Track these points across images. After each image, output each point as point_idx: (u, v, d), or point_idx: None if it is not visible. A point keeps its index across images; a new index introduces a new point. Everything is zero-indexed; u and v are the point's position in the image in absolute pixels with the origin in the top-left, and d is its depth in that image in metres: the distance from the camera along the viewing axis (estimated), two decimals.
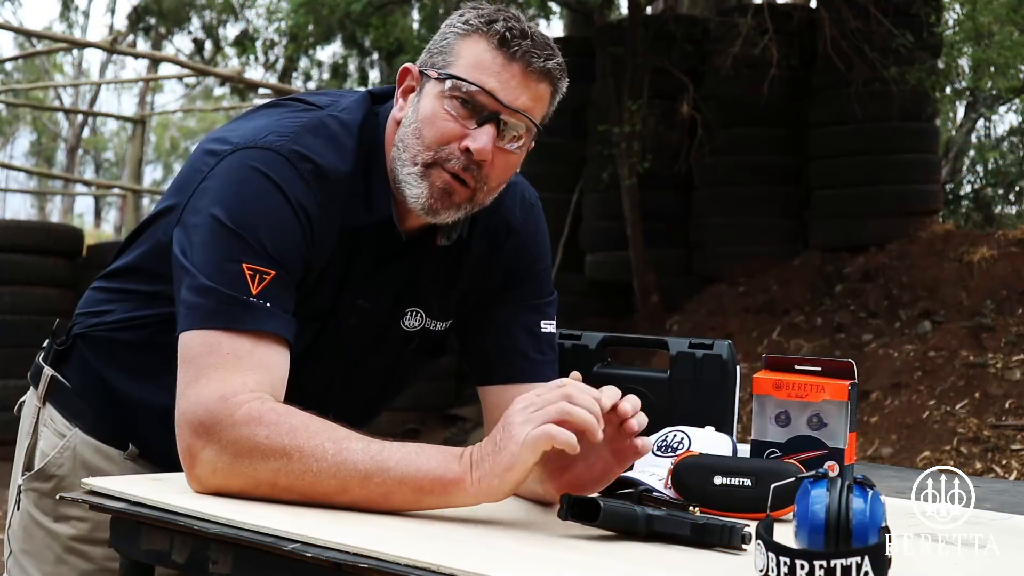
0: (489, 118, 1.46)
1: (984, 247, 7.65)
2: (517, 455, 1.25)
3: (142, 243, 1.65)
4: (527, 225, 1.69)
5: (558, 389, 1.29)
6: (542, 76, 1.48)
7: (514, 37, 1.46)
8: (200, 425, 1.33)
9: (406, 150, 1.50)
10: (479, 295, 1.69)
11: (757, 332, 7.98)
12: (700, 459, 1.46)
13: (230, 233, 1.41)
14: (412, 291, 1.63)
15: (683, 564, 1.17)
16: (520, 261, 1.69)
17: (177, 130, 29.53)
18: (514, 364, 1.67)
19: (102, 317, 1.67)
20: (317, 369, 1.60)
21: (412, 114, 1.51)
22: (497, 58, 1.46)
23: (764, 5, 7.90)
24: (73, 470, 1.66)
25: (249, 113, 1.63)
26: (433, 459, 1.29)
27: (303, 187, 1.46)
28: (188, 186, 1.51)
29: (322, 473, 1.28)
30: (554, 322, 1.74)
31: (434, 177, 1.48)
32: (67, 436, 1.67)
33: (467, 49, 1.48)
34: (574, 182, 9.42)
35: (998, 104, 13.65)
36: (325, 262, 1.52)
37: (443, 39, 1.51)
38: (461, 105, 1.47)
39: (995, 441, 6.15)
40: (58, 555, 1.66)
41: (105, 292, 1.69)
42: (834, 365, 1.56)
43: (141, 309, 1.62)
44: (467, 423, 8.20)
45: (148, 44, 16.07)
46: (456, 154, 1.47)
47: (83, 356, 1.68)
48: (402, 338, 1.67)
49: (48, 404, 1.70)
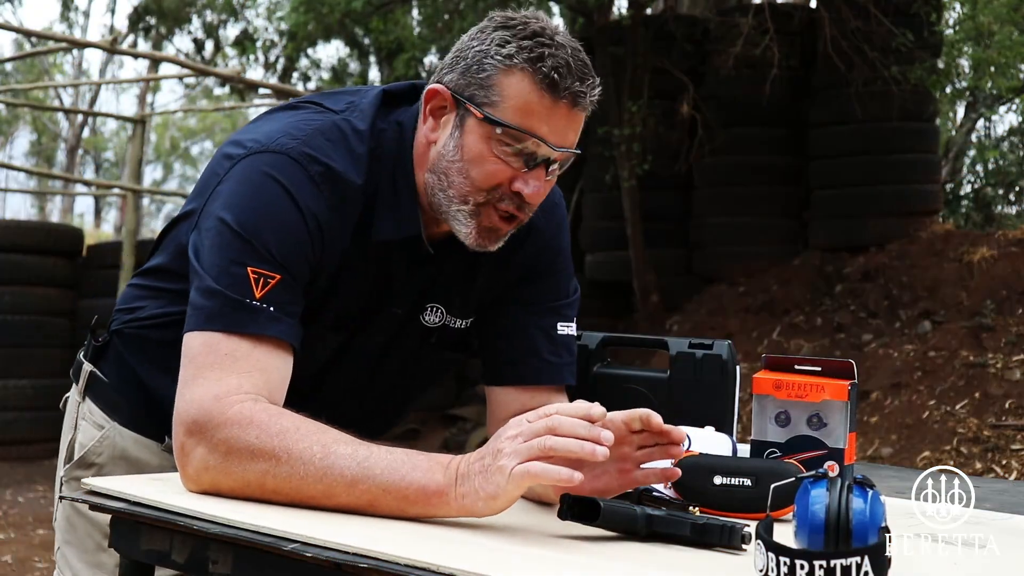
0: (541, 163, 1.47)
1: (984, 247, 7.65)
2: (502, 487, 1.23)
3: (168, 244, 1.68)
4: (549, 224, 1.68)
5: (543, 420, 1.26)
6: (585, 108, 1.48)
7: (562, 77, 1.42)
8: (193, 423, 1.34)
9: (452, 187, 1.49)
10: (497, 292, 1.68)
11: (757, 332, 7.98)
12: (700, 459, 1.45)
13: (236, 237, 1.42)
14: (432, 287, 1.63)
15: (683, 564, 1.17)
16: (540, 259, 1.68)
17: (177, 130, 29.53)
18: (526, 364, 1.66)
19: (135, 313, 1.70)
20: (343, 378, 1.62)
21: (454, 150, 1.48)
22: (545, 99, 1.43)
23: (764, 5, 7.90)
24: (112, 459, 1.70)
25: (267, 114, 1.63)
26: (418, 468, 1.27)
27: (313, 190, 1.46)
28: (206, 190, 1.53)
29: (308, 477, 1.28)
30: (574, 324, 1.71)
31: (483, 217, 1.49)
32: (105, 428, 1.71)
33: (513, 88, 1.44)
34: (574, 182, 9.42)
35: (998, 104, 13.66)
36: (343, 270, 1.52)
37: (481, 69, 1.46)
38: (510, 149, 1.45)
39: (995, 441, 6.15)
40: (98, 543, 1.68)
41: (140, 289, 1.72)
42: (834, 365, 1.56)
43: (170, 306, 1.64)
44: (467, 423, 8.20)
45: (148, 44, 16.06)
46: (507, 194, 1.47)
47: (119, 352, 1.71)
48: (421, 334, 1.66)
49: (87, 399, 1.74)
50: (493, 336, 1.69)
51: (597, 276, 9.21)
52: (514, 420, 1.29)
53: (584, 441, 1.23)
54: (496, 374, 1.69)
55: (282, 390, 1.41)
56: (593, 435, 1.24)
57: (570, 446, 1.22)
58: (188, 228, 1.55)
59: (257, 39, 13.41)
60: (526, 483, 1.23)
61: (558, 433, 1.23)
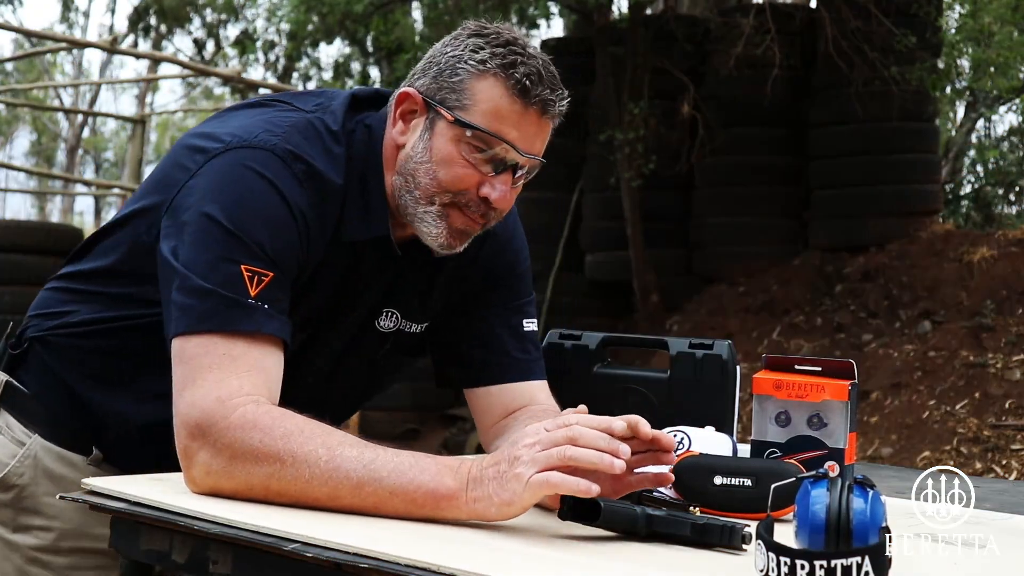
0: (508, 168, 1.48)
1: (984, 247, 7.65)
2: (518, 494, 1.23)
3: (116, 245, 1.60)
4: (505, 228, 1.68)
5: (564, 430, 1.26)
6: (554, 117, 1.50)
7: (533, 84, 1.44)
8: (196, 427, 1.32)
9: (419, 187, 1.49)
10: (459, 298, 1.69)
11: (757, 332, 7.98)
12: (700, 459, 1.45)
13: (227, 233, 1.39)
14: (389, 292, 1.62)
15: (683, 564, 1.17)
16: (499, 263, 1.69)
17: (177, 130, 29.49)
18: (500, 364, 1.68)
19: (63, 319, 1.62)
20: (308, 376, 1.61)
21: (424, 152, 1.49)
22: (515, 105, 1.45)
23: (765, 5, 7.90)
24: (35, 479, 1.61)
25: (231, 110, 1.60)
26: (427, 472, 1.27)
27: (297, 187, 1.45)
28: (170, 184, 1.48)
29: (314, 479, 1.27)
30: (535, 321, 1.74)
31: (453, 219, 1.49)
32: (26, 444, 1.62)
33: (484, 93, 1.45)
34: (574, 182, 9.42)
35: (998, 104, 13.65)
36: (319, 269, 1.51)
37: (454, 73, 1.47)
38: (479, 153, 1.46)
39: (995, 441, 6.15)
40: (18, 567, 1.61)
41: (65, 293, 1.64)
42: (834, 365, 1.56)
43: (106, 311, 1.58)
44: (467, 423, 8.20)
45: (148, 44, 16.06)
46: (474, 199, 1.48)
47: (42, 360, 1.63)
48: (377, 339, 1.66)
49: (3, 410, 1.64)
50: (463, 341, 1.70)
51: (597, 276, 9.21)
52: (531, 428, 1.29)
53: (604, 453, 1.23)
54: (471, 377, 1.70)
55: (279, 388, 1.40)
56: (612, 447, 1.24)
57: (590, 457, 1.23)
58: (148, 225, 1.51)
59: (258, 39, 13.41)
60: (543, 492, 1.23)
61: (579, 444, 1.24)
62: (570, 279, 9.15)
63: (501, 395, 1.68)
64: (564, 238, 9.26)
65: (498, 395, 1.68)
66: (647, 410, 1.76)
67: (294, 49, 12.27)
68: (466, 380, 1.72)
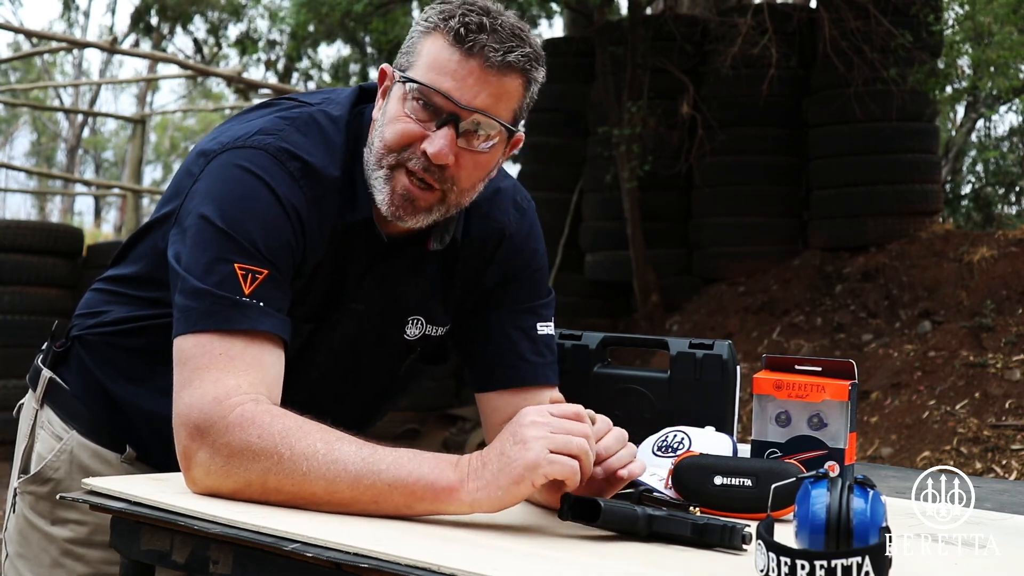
0: (447, 120, 1.43)
1: (984, 247, 7.65)
2: (531, 470, 1.23)
3: (142, 252, 1.64)
4: (521, 229, 1.68)
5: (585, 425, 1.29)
6: (505, 70, 1.42)
7: (470, 32, 1.40)
8: (195, 428, 1.32)
9: (372, 153, 1.49)
10: (475, 299, 1.68)
11: (757, 332, 7.98)
12: (700, 459, 1.45)
13: (220, 233, 1.40)
14: (413, 299, 1.62)
15: (683, 564, 1.17)
16: (515, 264, 1.68)
17: (177, 130, 29.52)
18: (513, 367, 1.66)
19: (99, 318, 1.66)
20: (313, 373, 1.60)
21: (381, 116, 1.49)
22: (454, 56, 1.41)
23: (764, 5, 7.91)
24: (70, 473, 1.66)
25: (243, 113, 1.62)
26: (426, 464, 1.27)
27: (292, 185, 1.45)
28: (181, 191, 1.51)
29: (311, 473, 1.27)
30: (552, 323, 1.72)
31: (395, 182, 1.46)
32: (64, 439, 1.67)
33: (427, 48, 1.44)
34: (574, 182, 9.42)
35: (998, 104, 13.65)
36: (318, 261, 1.51)
37: (409, 38, 1.49)
38: (422, 108, 1.43)
39: (995, 441, 6.15)
40: (54, 558, 1.65)
41: (105, 294, 1.69)
42: (834, 365, 1.56)
43: (139, 310, 1.62)
44: (467, 423, 8.20)
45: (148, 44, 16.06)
46: (417, 155, 1.45)
47: (80, 358, 1.68)
48: (404, 348, 1.67)
49: (46, 406, 1.70)
50: (476, 343, 1.69)
51: (597, 276, 9.21)
52: (533, 409, 1.29)
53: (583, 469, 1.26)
54: (484, 380, 1.69)
55: (279, 385, 1.40)
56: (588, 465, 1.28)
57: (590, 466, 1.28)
58: (165, 233, 1.52)
59: (259, 39, 13.41)
60: (557, 473, 1.24)
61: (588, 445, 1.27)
62: (570, 279, 9.14)
63: (512, 399, 1.65)
64: (564, 238, 9.25)
65: (510, 399, 1.65)
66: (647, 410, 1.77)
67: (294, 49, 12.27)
68: (477, 383, 1.71)
